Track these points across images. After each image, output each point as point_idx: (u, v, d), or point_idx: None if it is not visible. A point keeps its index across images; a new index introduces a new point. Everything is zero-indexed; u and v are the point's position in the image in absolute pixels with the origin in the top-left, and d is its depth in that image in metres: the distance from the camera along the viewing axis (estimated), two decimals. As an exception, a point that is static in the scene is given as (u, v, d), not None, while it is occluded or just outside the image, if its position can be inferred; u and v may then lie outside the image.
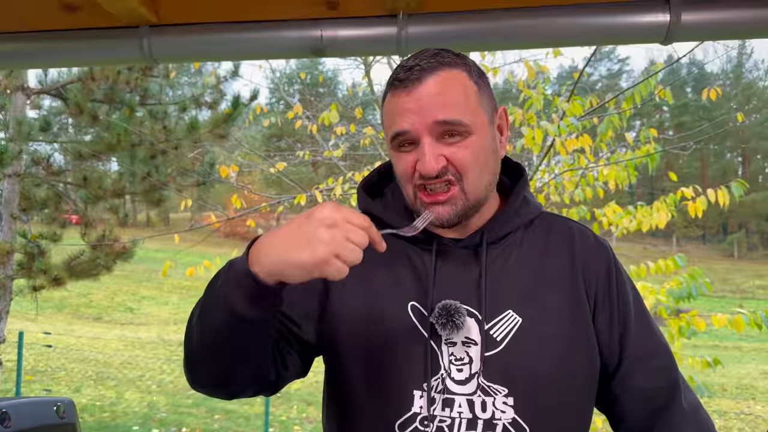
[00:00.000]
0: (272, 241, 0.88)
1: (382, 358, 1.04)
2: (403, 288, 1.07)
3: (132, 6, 1.47)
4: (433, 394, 1.00)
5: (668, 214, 3.87)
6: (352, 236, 0.85)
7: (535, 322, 1.03)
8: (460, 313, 1.01)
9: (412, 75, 1.02)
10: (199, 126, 6.19)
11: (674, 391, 1.11)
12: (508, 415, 0.99)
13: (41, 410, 1.24)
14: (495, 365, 1.01)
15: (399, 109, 1.03)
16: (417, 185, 1.04)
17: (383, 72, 14.06)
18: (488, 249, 1.08)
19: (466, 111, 1.02)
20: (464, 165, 1.01)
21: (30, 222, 6.50)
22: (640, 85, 3.87)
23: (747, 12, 1.45)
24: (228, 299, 0.89)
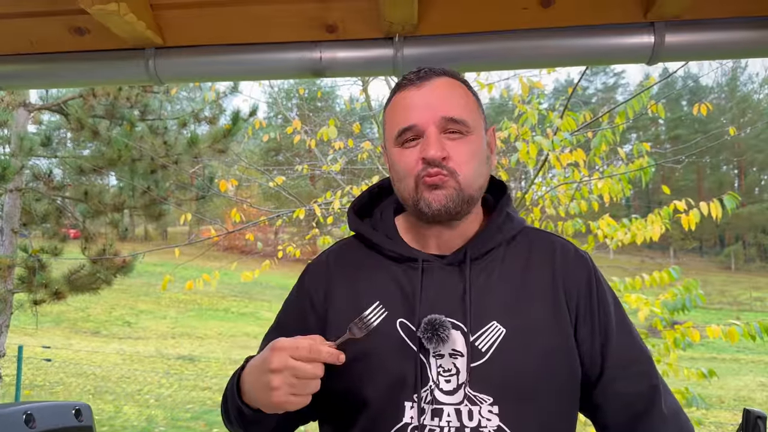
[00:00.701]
0: (246, 385, 1.05)
1: (374, 373, 1.08)
2: (391, 306, 1.10)
3: (139, 29, 1.53)
4: (423, 405, 1.04)
5: (662, 227, 3.92)
6: (300, 374, 0.94)
7: (518, 333, 1.07)
8: (444, 327, 1.05)
9: (420, 74, 1.12)
10: (198, 141, 6.26)
11: (654, 396, 1.14)
12: (493, 423, 1.03)
13: (61, 413, 1.30)
14: (480, 375, 1.05)
15: (408, 104, 1.11)
16: (420, 173, 1.08)
17: (380, 88, 14.04)
18: (472, 265, 1.12)
19: (468, 113, 1.10)
20: (462, 160, 1.08)
21: (31, 236, 6.54)
22: (633, 100, 3.94)
23: (729, 33, 1.52)
24: (237, 414, 1.09)
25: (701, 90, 43.82)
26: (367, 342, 1.07)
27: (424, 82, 1.10)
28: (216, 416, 9.13)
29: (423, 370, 1.06)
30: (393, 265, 1.16)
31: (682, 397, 3.75)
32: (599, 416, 1.16)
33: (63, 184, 6.32)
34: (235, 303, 24.68)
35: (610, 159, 4.44)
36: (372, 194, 1.29)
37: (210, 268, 5.19)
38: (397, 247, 1.16)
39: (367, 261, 1.19)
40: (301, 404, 0.96)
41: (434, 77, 1.11)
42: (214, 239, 5.56)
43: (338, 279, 1.19)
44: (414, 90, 1.11)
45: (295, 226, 16.52)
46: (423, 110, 1.08)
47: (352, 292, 1.15)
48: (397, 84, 1.16)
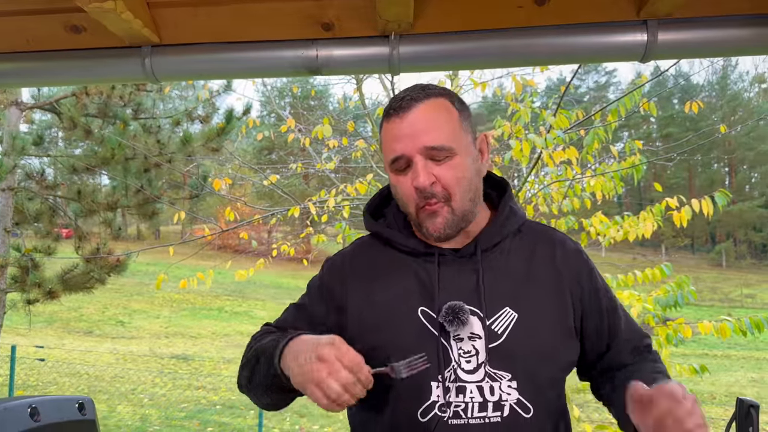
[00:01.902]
0: (288, 356, 1.12)
1: (401, 358, 1.16)
2: (412, 297, 1.22)
3: (135, 27, 1.53)
4: (448, 384, 1.16)
5: (654, 224, 3.95)
6: (334, 373, 1.03)
7: (528, 316, 1.20)
8: (464, 311, 1.17)
9: (403, 104, 1.21)
10: (192, 139, 6.24)
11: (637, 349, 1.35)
12: (513, 396, 1.16)
13: (65, 406, 1.30)
14: (498, 354, 1.17)
15: (393, 134, 1.21)
16: (418, 203, 1.20)
17: (374, 86, 14.04)
18: (482, 255, 1.24)
19: (450, 135, 1.19)
20: (451, 183, 1.19)
21: (24, 236, 6.51)
22: (625, 98, 3.97)
23: (722, 31, 1.53)
24: (270, 379, 1.16)
25: (692, 88, 44.04)
26: (393, 332, 1.21)
27: (406, 113, 1.19)
28: (210, 415, 9.13)
29: (445, 353, 1.17)
30: (409, 259, 1.27)
31: (675, 393, 3.79)
32: (599, 382, 1.37)
33: (56, 184, 6.29)
34: (229, 302, 24.64)
35: (602, 157, 4.47)
36: (383, 196, 1.40)
37: (204, 267, 5.18)
38: (414, 243, 1.28)
39: (384, 257, 1.30)
40: (325, 399, 1.04)
41: (416, 104, 1.20)
42: (208, 238, 5.55)
43: (356, 276, 1.30)
44: (398, 121, 1.20)
45: (289, 225, 16.46)
46: (407, 141, 1.18)
47: (370, 286, 1.27)
48: (385, 111, 1.25)
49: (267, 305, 25.32)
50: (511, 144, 3.94)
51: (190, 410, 9.43)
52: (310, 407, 9.44)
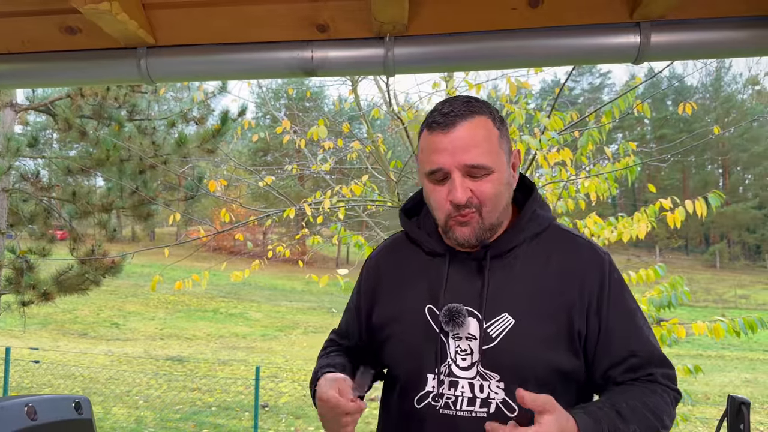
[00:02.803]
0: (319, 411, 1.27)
1: (406, 349, 1.33)
2: (422, 295, 1.34)
3: (131, 28, 1.54)
4: (442, 378, 1.27)
5: (648, 225, 3.96)
6: (331, 421, 1.22)
7: (525, 323, 1.26)
8: (460, 314, 1.26)
9: (448, 120, 1.26)
10: (187, 141, 6.24)
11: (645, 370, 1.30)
12: (499, 396, 1.24)
13: (61, 406, 1.31)
14: (490, 357, 1.25)
15: (435, 147, 1.26)
16: (449, 214, 1.27)
17: (369, 88, 13.99)
18: (492, 261, 1.31)
19: (490, 154, 1.25)
20: (485, 198, 1.26)
21: (18, 237, 6.49)
22: (619, 100, 3.99)
23: (715, 33, 1.54)
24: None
25: (686, 90, 44.21)
26: (402, 324, 1.34)
27: (451, 129, 1.24)
28: (205, 417, 9.11)
29: (443, 349, 1.28)
30: (428, 258, 1.38)
31: (669, 394, 3.80)
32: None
33: (50, 185, 6.27)
34: (224, 304, 24.59)
35: (596, 158, 4.48)
36: (417, 200, 1.49)
37: (199, 268, 5.18)
38: (432, 244, 1.38)
39: (409, 254, 1.43)
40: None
41: (460, 121, 1.25)
42: (203, 239, 5.54)
43: (385, 269, 1.46)
44: (441, 135, 1.25)
45: (285, 227, 16.47)
46: (449, 156, 1.24)
47: (395, 281, 1.41)
48: (428, 122, 1.30)
49: (262, 307, 25.28)
50: (506, 145, 3.95)
51: (186, 412, 9.41)
52: (306, 408, 9.44)
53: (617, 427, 1.18)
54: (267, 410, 9.50)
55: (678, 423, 3.85)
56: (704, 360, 16.50)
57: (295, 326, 21.80)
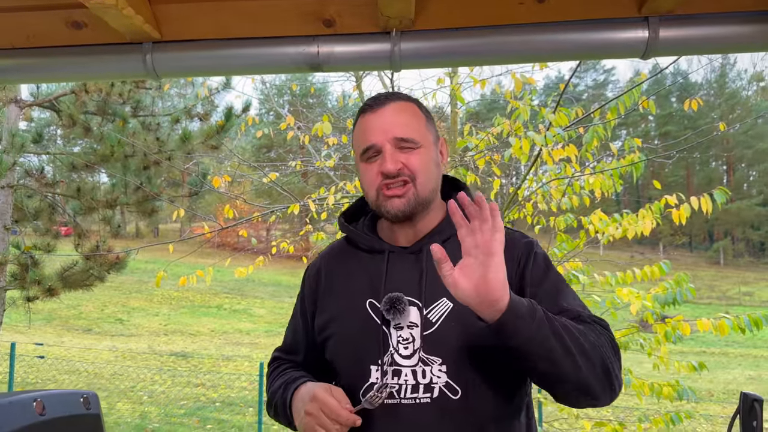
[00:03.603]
0: (294, 411, 1.33)
1: (349, 344, 1.36)
2: (363, 291, 1.37)
3: (137, 23, 1.53)
4: (386, 368, 1.29)
5: (653, 222, 3.95)
6: (321, 424, 1.22)
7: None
8: (401, 301, 1.30)
9: (377, 102, 1.37)
10: (191, 137, 6.23)
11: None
12: (442, 379, 1.26)
13: (70, 401, 1.31)
14: (431, 341, 1.28)
15: (367, 126, 1.36)
16: (380, 186, 1.33)
17: (373, 84, 13.99)
18: (428, 252, 1.31)
19: (417, 131, 1.36)
20: (416, 168, 1.33)
21: (23, 233, 6.50)
22: (624, 96, 3.97)
23: (722, 28, 1.53)
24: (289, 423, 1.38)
25: (690, 87, 44.03)
26: (344, 321, 1.37)
27: (379, 108, 1.36)
28: (209, 412, 9.14)
29: (384, 340, 1.31)
30: (367, 256, 1.42)
31: (673, 390, 3.80)
32: None
33: (55, 181, 6.28)
34: (228, 300, 24.64)
35: (601, 155, 4.47)
36: (363, 201, 1.52)
37: (203, 264, 5.18)
38: (370, 242, 1.43)
39: (348, 256, 1.47)
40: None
41: (388, 102, 1.37)
42: (207, 236, 5.55)
43: (326, 273, 1.49)
44: (371, 115, 1.37)
45: (288, 223, 16.45)
46: (379, 132, 1.34)
47: (336, 282, 1.45)
48: (360, 109, 1.41)
49: (266, 303, 25.33)
50: (511, 141, 3.94)
51: (190, 407, 9.44)
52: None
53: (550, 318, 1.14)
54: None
55: (682, 420, 3.86)
56: (708, 357, 16.47)
57: (299, 322, 21.79)
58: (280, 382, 1.44)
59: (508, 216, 4.42)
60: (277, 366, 1.56)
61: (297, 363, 1.53)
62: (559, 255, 4.12)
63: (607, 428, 4.13)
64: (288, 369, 1.51)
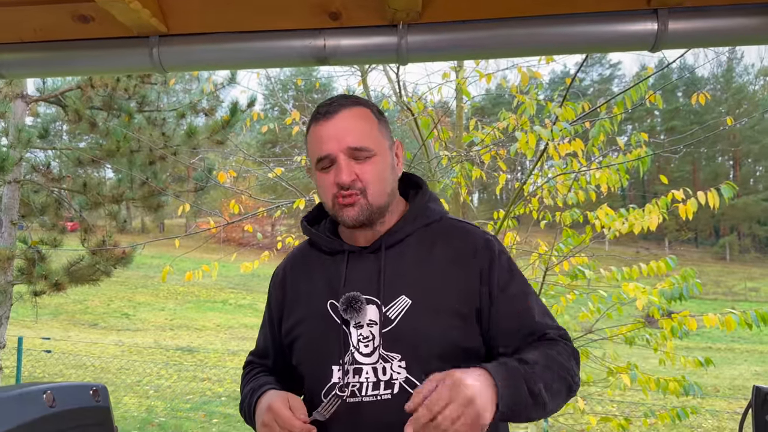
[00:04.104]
0: (256, 419, 1.33)
1: (311, 346, 1.38)
2: (324, 292, 1.39)
3: (143, 17, 1.53)
4: (347, 367, 1.31)
5: (660, 217, 3.93)
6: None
7: (422, 303, 1.32)
8: (357, 300, 1.31)
9: (330, 109, 1.35)
10: (197, 132, 6.24)
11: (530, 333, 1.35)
12: (402, 375, 1.28)
13: (79, 393, 1.32)
14: (390, 338, 1.30)
15: (320, 135, 1.35)
16: (335, 195, 1.34)
17: (379, 79, 13.97)
18: (387, 251, 1.38)
19: (371, 138, 1.35)
20: (369, 180, 1.33)
21: (30, 228, 6.53)
22: (631, 90, 3.95)
23: (732, 20, 1.51)
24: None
25: (697, 81, 43.80)
26: (307, 324, 1.40)
27: (332, 116, 1.34)
28: (215, 407, 9.17)
29: (345, 339, 1.32)
30: (327, 258, 1.44)
31: (679, 385, 3.80)
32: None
33: (61, 176, 6.30)
34: (233, 295, 24.70)
35: (607, 149, 4.45)
36: (321, 208, 1.55)
37: (208, 259, 5.19)
38: (330, 244, 1.44)
39: (311, 259, 1.49)
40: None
41: (341, 109, 1.35)
42: (213, 230, 5.56)
43: (291, 277, 1.51)
44: (324, 123, 1.35)
45: (294, 218, 16.51)
46: (333, 141, 1.32)
47: (299, 285, 1.47)
48: (312, 115, 1.39)
49: (271, 298, 25.33)
50: (517, 136, 3.93)
51: (196, 402, 9.48)
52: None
53: (526, 371, 1.21)
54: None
55: (688, 415, 3.85)
56: (714, 353, 16.41)
57: (304, 317, 21.85)
58: (249, 387, 1.46)
59: (513, 211, 4.41)
60: (250, 370, 1.58)
61: (268, 367, 1.55)
62: (565, 250, 4.11)
63: (613, 423, 4.13)
64: (259, 374, 1.52)
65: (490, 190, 29.76)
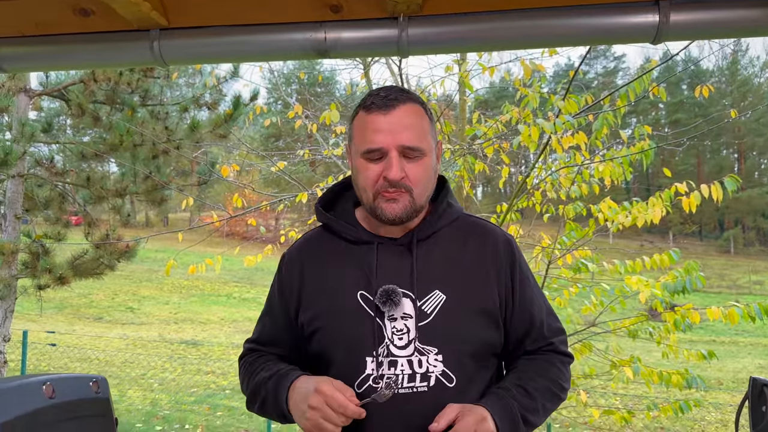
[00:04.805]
0: (291, 404, 1.31)
1: (341, 338, 1.36)
2: (353, 282, 1.37)
3: (143, 10, 1.53)
4: (381, 359, 1.31)
5: (663, 210, 3.92)
6: (327, 418, 1.22)
7: (455, 297, 1.35)
8: (396, 293, 1.32)
9: (387, 102, 1.33)
10: (200, 126, 6.24)
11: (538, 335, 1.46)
12: (438, 368, 1.31)
13: (79, 385, 1.33)
14: (427, 332, 1.32)
15: (374, 127, 1.32)
16: (380, 188, 1.33)
17: (382, 72, 13.96)
18: (418, 245, 1.39)
19: (423, 139, 1.35)
20: (417, 180, 1.34)
21: (34, 222, 6.55)
22: (635, 83, 3.93)
23: (734, 12, 1.51)
24: (288, 418, 1.34)
25: (702, 74, 43.57)
26: (334, 315, 1.37)
27: (390, 110, 1.32)
28: (219, 399, 9.21)
29: (379, 331, 1.33)
30: (354, 247, 1.42)
31: (682, 378, 3.80)
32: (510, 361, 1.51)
33: (65, 170, 6.31)
34: (237, 288, 24.75)
35: (610, 142, 4.44)
36: (335, 192, 1.55)
37: (212, 253, 5.20)
38: (357, 233, 1.42)
39: (331, 247, 1.45)
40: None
41: (399, 105, 1.33)
42: (216, 224, 5.57)
43: (308, 265, 1.46)
44: (381, 116, 1.32)
45: (297, 212, 16.50)
46: (388, 136, 1.31)
47: (321, 274, 1.43)
48: (365, 103, 1.36)
49: (275, 292, 25.39)
50: (520, 129, 3.92)
51: (200, 395, 9.52)
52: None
53: (524, 403, 1.32)
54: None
55: (691, 408, 3.85)
56: (717, 346, 16.41)
57: (307, 311, 21.90)
58: (266, 374, 1.41)
59: (516, 204, 4.40)
60: (257, 357, 1.52)
61: (279, 356, 1.50)
62: (568, 243, 4.11)
63: (616, 416, 4.13)
64: (269, 361, 1.48)
65: (494, 184, 29.73)
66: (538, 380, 1.38)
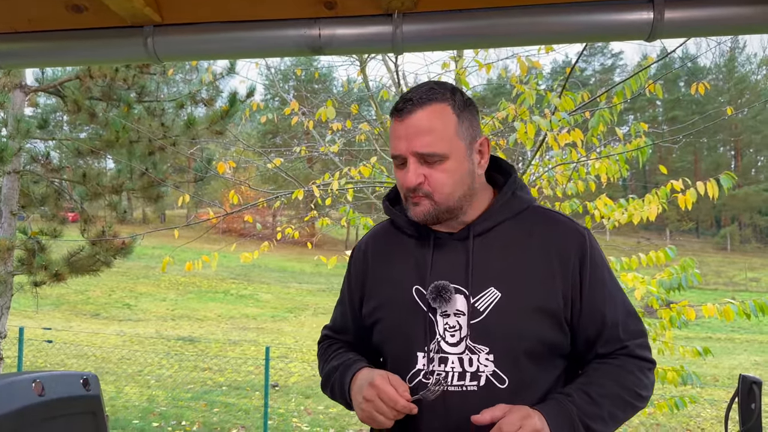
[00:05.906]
0: (352, 395, 1.35)
1: (394, 331, 1.38)
2: (409, 276, 1.38)
3: (137, 6, 1.52)
4: (432, 355, 1.31)
5: (659, 207, 3.93)
6: (379, 410, 1.24)
7: (511, 296, 1.31)
8: (447, 290, 1.30)
9: (406, 107, 1.33)
10: (196, 122, 6.23)
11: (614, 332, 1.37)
12: (489, 368, 1.28)
13: (69, 382, 1.33)
14: (479, 330, 1.29)
15: (395, 134, 1.35)
16: (406, 193, 1.35)
17: (378, 69, 13.93)
18: (475, 240, 1.36)
19: (443, 141, 1.31)
20: (436, 185, 1.32)
21: (30, 219, 6.54)
22: (631, 80, 3.93)
23: (728, 9, 1.50)
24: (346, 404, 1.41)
25: (699, 71, 43.60)
26: (391, 308, 1.39)
27: (406, 116, 1.32)
28: (216, 396, 9.22)
29: (431, 327, 1.32)
30: (412, 242, 1.42)
31: (677, 375, 3.80)
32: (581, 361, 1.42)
33: (61, 167, 6.30)
34: (234, 285, 24.76)
35: (607, 139, 4.44)
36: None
37: (208, 250, 5.20)
38: (414, 228, 1.42)
39: (394, 240, 1.47)
40: (376, 426, 1.28)
41: (416, 109, 1.31)
42: (213, 221, 5.56)
43: (374, 257, 1.49)
44: (399, 123, 1.34)
45: (294, 209, 16.46)
46: (403, 142, 1.32)
47: (383, 267, 1.45)
48: (393, 108, 1.37)
49: (272, 288, 25.43)
50: (516, 126, 3.92)
51: (197, 391, 9.52)
52: (315, 388, 9.52)
53: (586, 410, 1.25)
54: (277, 390, 9.60)
55: (686, 404, 3.86)
56: (713, 342, 16.46)
57: (305, 308, 21.94)
58: (336, 363, 1.46)
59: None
60: (330, 344, 1.59)
61: (349, 343, 1.56)
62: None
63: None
64: (340, 349, 1.54)
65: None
66: (607, 386, 1.30)
